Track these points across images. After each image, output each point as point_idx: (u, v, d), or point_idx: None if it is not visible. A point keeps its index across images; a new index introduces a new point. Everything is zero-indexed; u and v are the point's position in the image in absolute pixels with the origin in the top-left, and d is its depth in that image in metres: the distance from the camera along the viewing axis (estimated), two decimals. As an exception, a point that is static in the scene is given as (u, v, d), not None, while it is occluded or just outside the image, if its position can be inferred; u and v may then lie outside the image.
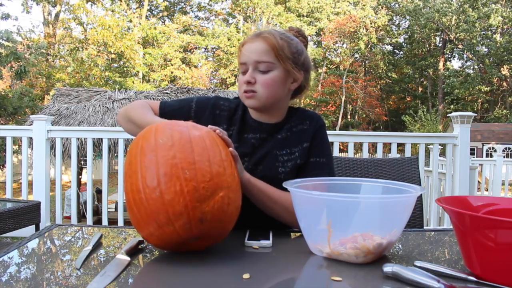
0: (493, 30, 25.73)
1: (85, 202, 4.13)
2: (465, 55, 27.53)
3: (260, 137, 1.14)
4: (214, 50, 25.47)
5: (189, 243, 0.79)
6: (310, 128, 1.15)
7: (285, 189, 0.89)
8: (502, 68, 24.71)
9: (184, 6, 27.31)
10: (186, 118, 1.07)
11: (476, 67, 26.53)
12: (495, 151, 16.69)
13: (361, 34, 25.47)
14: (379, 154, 3.30)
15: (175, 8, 27.12)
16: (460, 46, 26.65)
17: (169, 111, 1.16)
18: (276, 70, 1.07)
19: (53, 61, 19.27)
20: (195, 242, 0.80)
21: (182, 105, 1.17)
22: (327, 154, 1.15)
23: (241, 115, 1.16)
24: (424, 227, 1.73)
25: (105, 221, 3.35)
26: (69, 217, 3.85)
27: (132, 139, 4.24)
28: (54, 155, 3.94)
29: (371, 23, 25.86)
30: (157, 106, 1.17)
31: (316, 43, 28.00)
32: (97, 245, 0.89)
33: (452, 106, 26.75)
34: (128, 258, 0.78)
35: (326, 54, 26.92)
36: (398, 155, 3.85)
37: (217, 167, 0.80)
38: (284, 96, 1.13)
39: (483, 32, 25.67)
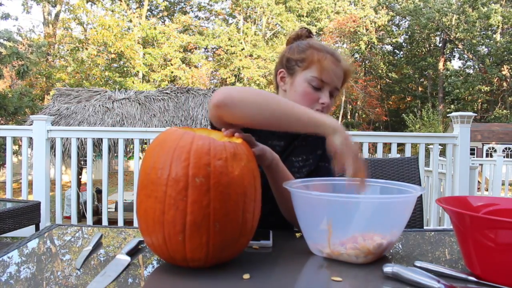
0: (493, 30, 25.73)
1: (85, 202, 4.13)
2: (465, 55, 27.53)
3: (283, 144, 1.18)
4: (214, 50, 25.46)
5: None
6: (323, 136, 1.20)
7: None
8: (502, 68, 24.72)
9: (184, 6, 27.30)
10: None
11: (476, 67, 26.53)
12: (495, 151, 16.68)
13: (361, 34, 25.46)
14: (379, 154, 3.30)
15: (175, 8, 27.11)
16: (460, 46, 26.65)
17: None
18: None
19: (53, 61, 19.29)
20: None
21: None
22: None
23: None
24: (424, 227, 1.72)
25: (105, 221, 3.35)
26: (69, 217, 3.85)
27: (129, 140, 4.22)
28: (54, 155, 3.94)
29: (371, 23, 25.84)
30: None
31: (316, 43, 27.98)
32: (97, 245, 0.89)
33: (452, 106, 26.76)
34: (128, 258, 0.78)
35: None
36: (398, 155, 3.85)
37: (247, 214, 0.73)
38: None
39: (483, 32, 25.69)
